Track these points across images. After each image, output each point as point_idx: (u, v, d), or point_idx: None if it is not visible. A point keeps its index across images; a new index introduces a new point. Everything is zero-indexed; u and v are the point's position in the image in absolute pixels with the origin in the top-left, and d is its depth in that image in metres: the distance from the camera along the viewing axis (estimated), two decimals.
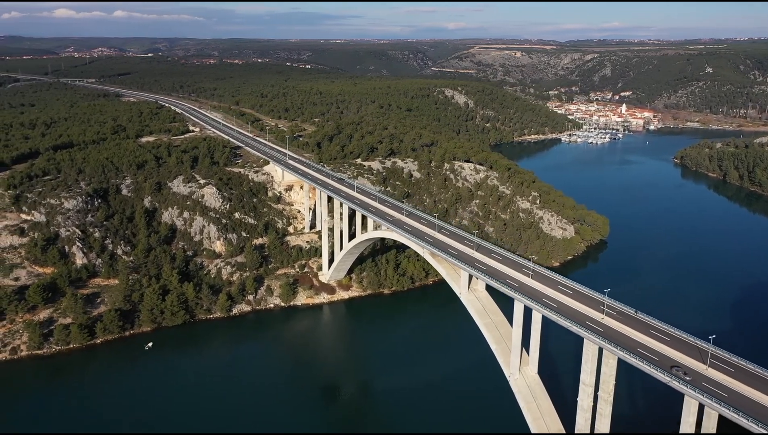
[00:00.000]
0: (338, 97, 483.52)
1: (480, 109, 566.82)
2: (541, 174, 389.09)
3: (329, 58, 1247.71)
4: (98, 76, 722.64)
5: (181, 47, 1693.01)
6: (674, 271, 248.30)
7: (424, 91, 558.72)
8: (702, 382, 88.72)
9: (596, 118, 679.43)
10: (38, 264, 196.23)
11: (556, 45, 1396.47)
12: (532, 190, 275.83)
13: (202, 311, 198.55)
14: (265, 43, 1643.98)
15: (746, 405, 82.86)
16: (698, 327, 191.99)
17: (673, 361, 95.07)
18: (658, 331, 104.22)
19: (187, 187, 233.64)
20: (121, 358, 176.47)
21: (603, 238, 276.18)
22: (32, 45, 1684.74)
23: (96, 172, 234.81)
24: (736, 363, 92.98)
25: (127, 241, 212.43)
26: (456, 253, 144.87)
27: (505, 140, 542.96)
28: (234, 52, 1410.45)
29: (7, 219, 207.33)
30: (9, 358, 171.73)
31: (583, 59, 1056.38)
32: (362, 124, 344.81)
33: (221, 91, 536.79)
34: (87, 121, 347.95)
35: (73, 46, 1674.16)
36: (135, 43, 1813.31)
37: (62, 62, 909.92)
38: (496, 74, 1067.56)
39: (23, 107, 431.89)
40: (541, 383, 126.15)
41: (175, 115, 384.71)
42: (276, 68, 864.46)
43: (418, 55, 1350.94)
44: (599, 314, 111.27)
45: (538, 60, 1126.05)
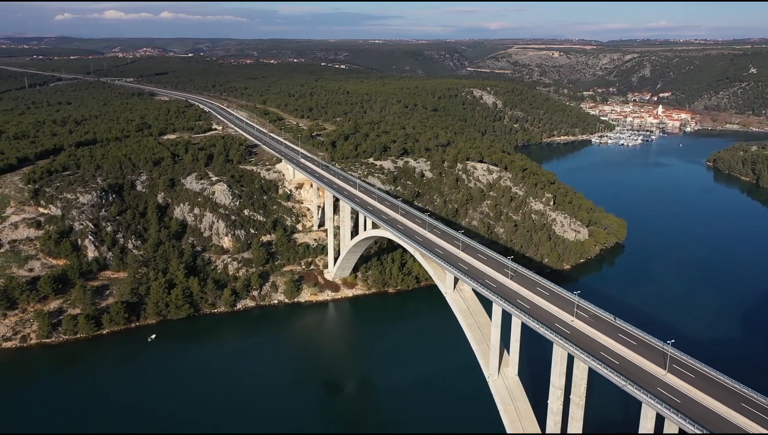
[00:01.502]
0: (364, 96, 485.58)
1: (509, 109, 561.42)
2: (565, 175, 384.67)
3: (365, 59, 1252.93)
4: (137, 75, 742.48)
5: (222, 47, 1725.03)
6: (691, 276, 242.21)
7: (451, 92, 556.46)
8: (658, 387, 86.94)
9: (631, 119, 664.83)
10: (52, 256, 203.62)
11: (597, 45, 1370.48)
12: (546, 191, 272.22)
13: (207, 305, 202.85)
14: (304, 44, 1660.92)
15: (698, 412, 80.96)
16: (701, 334, 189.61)
17: (633, 365, 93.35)
18: (627, 334, 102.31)
19: (199, 184, 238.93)
20: (125, 349, 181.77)
21: (619, 241, 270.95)
22: (81, 45, 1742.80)
23: (113, 168, 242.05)
24: (699, 369, 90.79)
25: (138, 235, 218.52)
26: (441, 253, 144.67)
27: (534, 141, 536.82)
28: (272, 52, 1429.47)
29: (26, 212, 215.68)
30: (19, 346, 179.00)
31: (622, 59, 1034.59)
32: (381, 123, 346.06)
33: (251, 91, 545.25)
34: (116, 119, 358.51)
35: (120, 46, 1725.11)
36: (179, 44, 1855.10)
37: (105, 62, 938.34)
38: (532, 74, 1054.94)
39: (60, 105, 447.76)
40: (521, 385, 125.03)
41: (201, 114, 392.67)
42: (309, 68, 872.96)
43: (455, 55, 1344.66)
44: (570, 317, 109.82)
45: (576, 60, 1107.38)
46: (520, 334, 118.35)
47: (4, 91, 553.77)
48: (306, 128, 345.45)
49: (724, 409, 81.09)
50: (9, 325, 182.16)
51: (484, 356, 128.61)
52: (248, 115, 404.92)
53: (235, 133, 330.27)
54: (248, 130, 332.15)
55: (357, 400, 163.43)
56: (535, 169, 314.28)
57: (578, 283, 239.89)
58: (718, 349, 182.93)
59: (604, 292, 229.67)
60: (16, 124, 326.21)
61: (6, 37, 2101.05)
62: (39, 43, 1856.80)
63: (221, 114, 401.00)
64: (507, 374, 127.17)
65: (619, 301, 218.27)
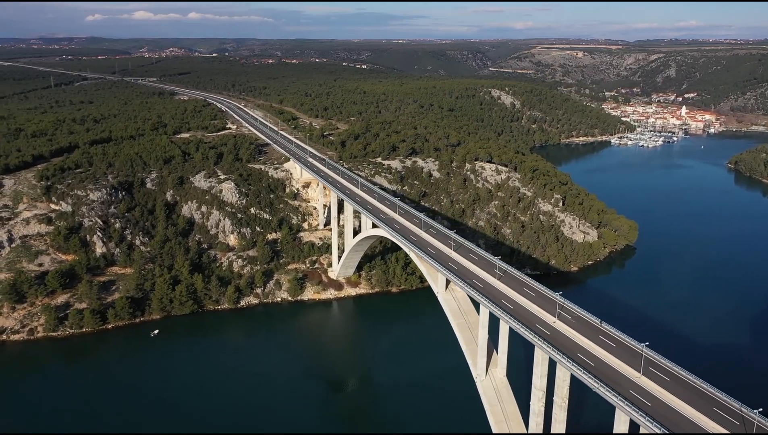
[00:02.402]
0: (381, 96, 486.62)
1: (527, 109, 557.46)
2: (581, 176, 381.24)
3: (387, 59, 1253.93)
4: (160, 75, 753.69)
5: (247, 47, 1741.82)
6: (702, 280, 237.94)
7: (469, 92, 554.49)
8: (630, 389, 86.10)
9: (653, 120, 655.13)
10: (61, 251, 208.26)
11: (623, 45, 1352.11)
12: (555, 192, 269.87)
13: (211, 302, 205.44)
14: (328, 44, 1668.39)
15: (667, 416, 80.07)
16: (706, 339, 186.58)
17: (609, 367, 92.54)
18: (608, 337, 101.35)
19: (207, 182, 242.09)
20: (128, 344, 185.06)
21: (630, 243, 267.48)
22: (110, 46, 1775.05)
23: (125, 166, 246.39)
24: (675, 372, 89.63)
25: (146, 232, 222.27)
26: (434, 253, 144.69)
27: (552, 142, 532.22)
28: (296, 52, 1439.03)
29: (38, 208, 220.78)
30: (26, 339, 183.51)
31: (647, 59, 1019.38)
32: (393, 123, 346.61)
33: (269, 90, 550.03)
34: (134, 117, 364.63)
35: (147, 46, 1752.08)
36: (205, 44, 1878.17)
37: (130, 62, 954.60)
38: (555, 75, 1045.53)
39: (82, 104, 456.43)
40: (509, 386, 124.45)
41: (217, 113, 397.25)
42: (329, 68, 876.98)
43: (477, 55, 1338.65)
44: (552, 318, 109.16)
45: (600, 60, 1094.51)
46: (509, 335, 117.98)
47: (30, 90, 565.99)
48: (318, 127, 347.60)
49: (693, 413, 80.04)
50: (17, 319, 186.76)
51: (472, 357, 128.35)
52: (263, 114, 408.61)
53: (248, 132, 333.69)
54: (261, 129, 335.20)
55: (355, 398, 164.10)
56: (548, 169, 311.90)
57: (585, 286, 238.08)
58: (721, 354, 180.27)
59: (611, 295, 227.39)
60: (37, 123, 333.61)
61: (39, 37, 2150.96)
62: (69, 44, 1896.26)
63: (237, 113, 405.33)
64: (495, 375, 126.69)
65: (625, 304, 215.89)
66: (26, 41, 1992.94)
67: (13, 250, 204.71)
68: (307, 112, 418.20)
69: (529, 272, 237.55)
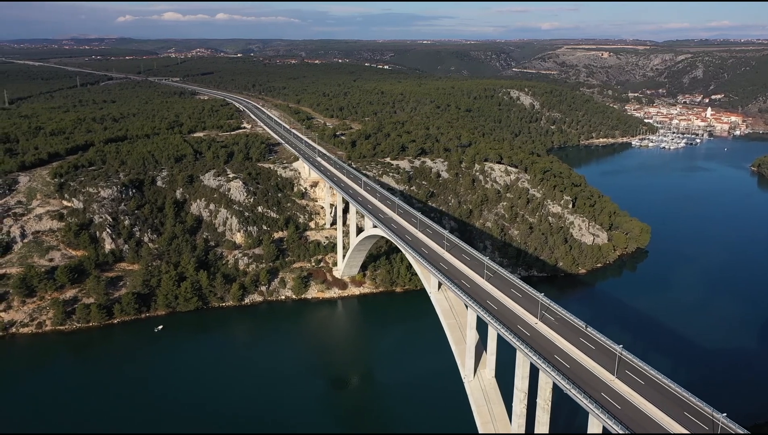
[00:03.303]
0: (398, 97, 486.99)
1: (546, 110, 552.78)
2: (597, 178, 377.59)
3: (410, 59, 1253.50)
4: (183, 75, 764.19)
5: (272, 48, 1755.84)
6: (714, 285, 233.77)
7: (488, 92, 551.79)
8: (602, 392, 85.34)
9: (676, 122, 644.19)
10: (72, 247, 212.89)
11: (651, 45, 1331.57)
12: (566, 194, 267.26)
13: (216, 299, 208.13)
14: (352, 44, 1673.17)
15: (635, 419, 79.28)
16: (712, 345, 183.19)
17: (584, 369, 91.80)
18: (588, 339, 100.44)
19: (216, 181, 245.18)
20: (132, 338, 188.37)
21: (641, 246, 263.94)
22: (139, 46, 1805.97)
23: (137, 164, 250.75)
24: (650, 375, 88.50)
25: (155, 229, 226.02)
26: (427, 253, 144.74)
27: (570, 143, 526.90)
28: (320, 52, 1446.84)
29: (50, 205, 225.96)
30: (35, 332, 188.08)
31: (674, 60, 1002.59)
32: (406, 123, 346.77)
33: (288, 90, 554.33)
34: (152, 117, 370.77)
35: (175, 47, 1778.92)
36: (231, 44, 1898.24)
37: (156, 62, 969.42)
38: (579, 75, 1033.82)
39: (104, 103, 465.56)
40: (497, 387, 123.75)
41: (234, 113, 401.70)
42: (350, 68, 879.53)
43: (501, 55, 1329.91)
44: (534, 319, 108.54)
45: (626, 60, 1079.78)
46: (497, 336, 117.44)
47: (56, 90, 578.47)
48: (332, 127, 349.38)
49: (661, 416, 79.09)
50: (27, 312, 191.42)
51: (461, 357, 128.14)
52: (280, 114, 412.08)
53: (262, 131, 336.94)
54: (275, 128, 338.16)
55: (355, 396, 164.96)
56: (561, 171, 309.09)
57: (592, 288, 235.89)
58: (727, 360, 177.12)
59: (618, 298, 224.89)
60: (58, 121, 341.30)
61: (71, 38, 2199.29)
62: (100, 44, 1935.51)
63: (254, 113, 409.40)
64: (484, 376, 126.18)
65: (631, 307, 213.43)
66: (58, 42, 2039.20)
67: (25, 245, 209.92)
68: (323, 112, 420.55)
69: (536, 274, 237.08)
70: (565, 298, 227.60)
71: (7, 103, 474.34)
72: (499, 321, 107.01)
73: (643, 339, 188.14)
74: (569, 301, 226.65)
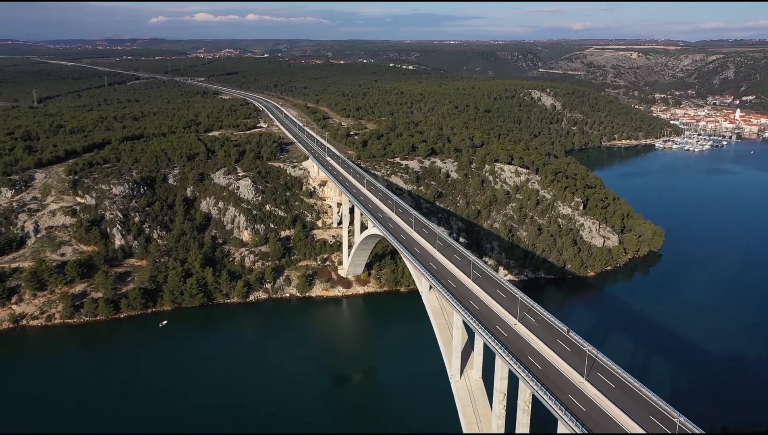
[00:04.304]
0: (417, 97, 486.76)
1: (568, 111, 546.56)
2: (616, 180, 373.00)
3: (436, 60, 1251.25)
4: (209, 75, 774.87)
5: (300, 48, 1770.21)
6: (727, 290, 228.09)
7: (509, 93, 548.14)
8: (569, 394, 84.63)
9: (704, 123, 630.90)
10: (83, 242, 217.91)
11: (683, 45, 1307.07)
12: (577, 195, 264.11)
13: (221, 295, 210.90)
14: (379, 45, 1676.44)
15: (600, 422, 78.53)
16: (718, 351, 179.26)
17: (555, 370, 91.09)
18: (566, 341, 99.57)
19: (226, 179, 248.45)
20: (137, 333, 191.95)
21: (654, 249, 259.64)
22: (170, 47, 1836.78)
23: (150, 161, 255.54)
24: (621, 377, 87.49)
25: (164, 226, 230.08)
26: (419, 252, 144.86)
27: (592, 145, 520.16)
28: (346, 53, 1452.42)
29: (64, 201, 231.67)
30: (44, 324, 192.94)
31: (704, 60, 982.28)
32: (420, 123, 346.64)
33: (309, 90, 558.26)
34: (172, 116, 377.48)
35: (205, 47, 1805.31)
36: (260, 45, 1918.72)
37: (183, 62, 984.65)
38: (606, 76, 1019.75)
39: (128, 103, 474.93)
40: (484, 388, 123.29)
41: (252, 112, 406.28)
42: (373, 68, 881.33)
43: (528, 56, 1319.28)
44: (513, 320, 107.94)
45: (655, 61, 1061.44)
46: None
47: (84, 89, 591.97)
48: (346, 127, 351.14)
49: (625, 419, 78.18)
50: (37, 305, 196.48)
51: (448, 357, 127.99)
52: (298, 113, 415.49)
53: (277, 130, 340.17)
54: (291, 128, 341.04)
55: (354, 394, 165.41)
56: (575, 172, 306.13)
57: (600, 292, 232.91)
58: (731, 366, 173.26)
59: (626, 302, 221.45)
60: (80, 119, 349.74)
61: (105, 39, 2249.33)
62: (132, 45, 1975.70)
63: (273, 112, 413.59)
64: (471, 376, 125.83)
65: (639, 311, 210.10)
66: (92, 42, 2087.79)
67: (38, 240, 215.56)
68: (340, 112, 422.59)
69: (543, 276, 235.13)
70: (571, 300, 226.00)
71: (35, 102, 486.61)
72: (478, 321, 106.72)
73: (649, 343, 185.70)
74: (576, 304, 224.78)
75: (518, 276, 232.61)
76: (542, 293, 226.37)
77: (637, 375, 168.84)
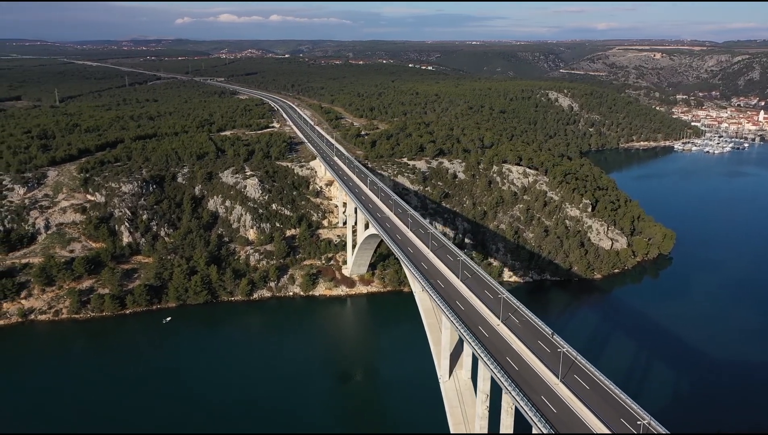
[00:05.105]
0: (432, 97, 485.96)
1: (585, 112, 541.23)
2: (631, 182, 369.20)
3: (456, 60, 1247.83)
4: (228, 75, 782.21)
5: (321, 48, 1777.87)
6: (736, 295, 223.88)
7: (525, 93, 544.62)
8: (542, 396, 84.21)
9: (726, 125, 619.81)
10: (92, 239, 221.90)
11: (710, 45, 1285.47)
12: (586, 197, 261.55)
13: (225, 293, 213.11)
14: (400, 45, 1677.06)
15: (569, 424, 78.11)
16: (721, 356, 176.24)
17: (532, 372, 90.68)
18: (547, 343, 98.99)
19: (233, 178, 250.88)
20: (141, 329, 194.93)
21: (664, 252, 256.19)
22: (194, 47, 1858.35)
23: (160, 160, 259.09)
24: (596, 379, 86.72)
25: (171, 224, 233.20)
26: (412, 251, 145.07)
27: (609, 146, 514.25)
28: (367, 53, 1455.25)
29: (75, 198, 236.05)
30: (52, 319, 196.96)
31: (730, 61, 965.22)
32: (431, 124, 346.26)
33: (325, 91, 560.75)
34: (187, 115, 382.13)
35: (227, 48, 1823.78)
36: (282, 45, 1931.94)
37: (204, 63, 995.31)
38: (628, 77, 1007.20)
39: (147, 102, 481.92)
40: (472, 389, 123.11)
41: (266, 112, 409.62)
42: (392, 69, 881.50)
43: (550, 56, 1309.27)
44: (497, 321, 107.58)
45: (679, 62, 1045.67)
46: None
47: (105, 89, 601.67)
48: (357, 127, 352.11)
49: (594, 421, 77.60)
50: (46, 300, 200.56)
51: (437, 357, 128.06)
52: (311, 113, 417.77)
53: (289, 130, 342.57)
54: (303, 127, 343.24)
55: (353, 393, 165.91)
56: (589, 174, 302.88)
57: (606, 294, 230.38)
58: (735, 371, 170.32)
59: (632, 305, 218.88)
60: (97, 119, 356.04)
61: (131, 39, 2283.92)
62: (157, 45, 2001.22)
63: (287, 112, 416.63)
64: (460, 377, 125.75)
65: (644, 315, 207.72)
66: (118, 43, 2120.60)
67: (48, 237, 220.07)
68: (354, 112, 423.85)
69: (549, 278, 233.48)
70: (576, 303, 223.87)
71: (57, 101, 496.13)
72: (461, 322, 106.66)
73: (652, 346, 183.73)
74: (580, 306, 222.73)
75: (523, 278, 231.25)
76: (547, 295, 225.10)
77: (637, 378, 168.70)
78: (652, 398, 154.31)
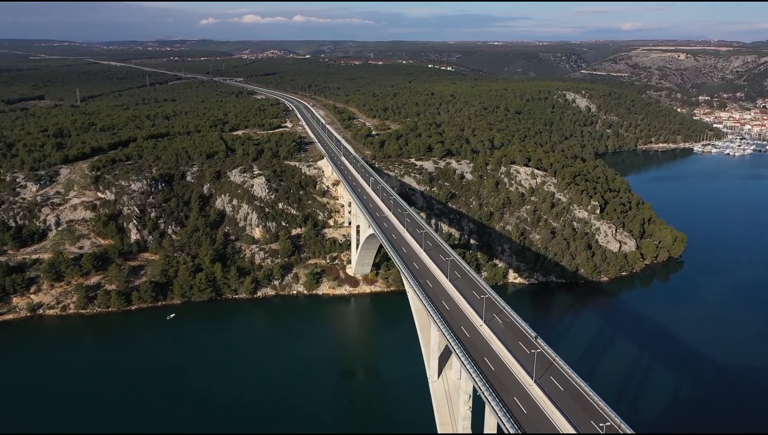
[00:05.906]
0: (447, 98, 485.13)
1: (603, 113, 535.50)
2: (647, 184, 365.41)
3: (477, 61, 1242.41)
4: (248, 75, 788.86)
5: (343, 49, 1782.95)
6: (746, 300, 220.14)
7: (542, 94, 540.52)
8: (515, 396, 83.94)
9: (749, 127, 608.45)
10: (101, 236, 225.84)
11: (737, 46, 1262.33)
12: (594, 199, 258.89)
13: (229, 291, 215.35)
14: (421, 45, 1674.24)
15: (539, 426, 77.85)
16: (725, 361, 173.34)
17: (508, 372, 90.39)
18: (527, 344, 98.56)
19: (241, 177, 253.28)
20: (146, 324, 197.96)
21: (674, 256, 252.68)
22: (217, 48, 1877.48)
23: (170, 159, 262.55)
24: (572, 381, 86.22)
25: (179, 222, 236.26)
26: (405, 251, 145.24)
27: (626, 148, 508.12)
28: (388, 54, 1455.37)
29: (86, 196, 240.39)
30: (59, 314, 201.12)
31: (756, 62, 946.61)
32: (442, 124, 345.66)
33: (341, 91, 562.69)
34: (202, 115, 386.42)
35: (250, 48, 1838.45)
36: (304, 46, 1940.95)
37: (225, 63, 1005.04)
38: (651, 78, 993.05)
39: (165, 102, 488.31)
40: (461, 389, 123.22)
41: (280, 112, 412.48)
42: (410, 69, 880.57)
43: (572, 57, 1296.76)
44: (480, 321, 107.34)
45: (704, 63, 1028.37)
46: None
47: (126, 89, 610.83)
48: (369, 127, 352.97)
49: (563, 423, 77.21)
50: (54, 295, 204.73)
51: (427, 357, 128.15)
52: (325, 113, 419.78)
53: (301, 130, 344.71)
54: (315, 127, 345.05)
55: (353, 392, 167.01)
56: (600, 175, 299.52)
57: (612, 297, 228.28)
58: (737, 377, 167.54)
59: (638, 309, 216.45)
60: (114, 118, 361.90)
61: (156, 40, 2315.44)
62: (182, 46, 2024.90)
63: (301, 112, 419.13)
64: (449, 377, 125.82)
65: (648, 318, 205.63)
66: (143, 44, 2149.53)
67: (58, 233, 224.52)
68: (367, 112, 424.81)
69: (554, 280, 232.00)
70: (580, 305, 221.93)
71: (78, 101, 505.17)
72: (444, 321, 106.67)
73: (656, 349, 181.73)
74: (585, 308, 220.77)
75: (528, 279, 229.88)
76: (551, 297, 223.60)
77: (636, 380, 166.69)
78: (653, 399, 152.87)
